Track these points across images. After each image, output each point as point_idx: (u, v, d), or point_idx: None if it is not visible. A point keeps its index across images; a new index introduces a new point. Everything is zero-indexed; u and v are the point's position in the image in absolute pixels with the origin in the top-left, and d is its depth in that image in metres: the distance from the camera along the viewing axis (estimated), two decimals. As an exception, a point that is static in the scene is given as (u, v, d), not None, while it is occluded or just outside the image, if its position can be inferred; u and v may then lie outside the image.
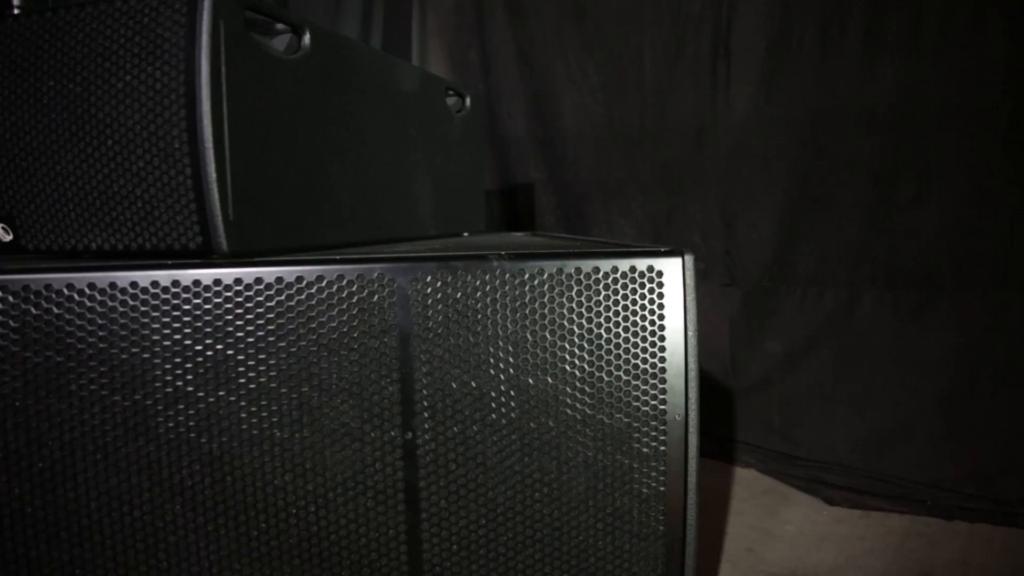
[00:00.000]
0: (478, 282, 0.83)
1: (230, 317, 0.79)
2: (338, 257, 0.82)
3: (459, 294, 0.82)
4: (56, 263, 0.81)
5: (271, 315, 0.79)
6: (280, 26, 0.94)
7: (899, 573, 1.36)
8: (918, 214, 1.75)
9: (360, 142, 1.07)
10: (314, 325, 0.80)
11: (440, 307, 0.82)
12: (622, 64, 2.10)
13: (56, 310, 0.77)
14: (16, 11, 1.78)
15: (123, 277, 0.77)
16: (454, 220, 1.41)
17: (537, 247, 0.96)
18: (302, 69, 0.93)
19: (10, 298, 0.76)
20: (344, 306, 0.80)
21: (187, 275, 0.78)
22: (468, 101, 1.44)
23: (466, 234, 1.47)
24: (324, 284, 0.80)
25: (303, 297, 0.80)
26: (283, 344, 0.80)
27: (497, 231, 2.26)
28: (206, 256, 0.82)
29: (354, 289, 0.80)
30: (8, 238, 0.92)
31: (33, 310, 0.76)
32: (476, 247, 0.95)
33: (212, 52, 0.78)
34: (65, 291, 0.77)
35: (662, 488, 0.87)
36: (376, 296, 0.81)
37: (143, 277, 0.78)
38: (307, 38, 0.94)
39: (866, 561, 1.41)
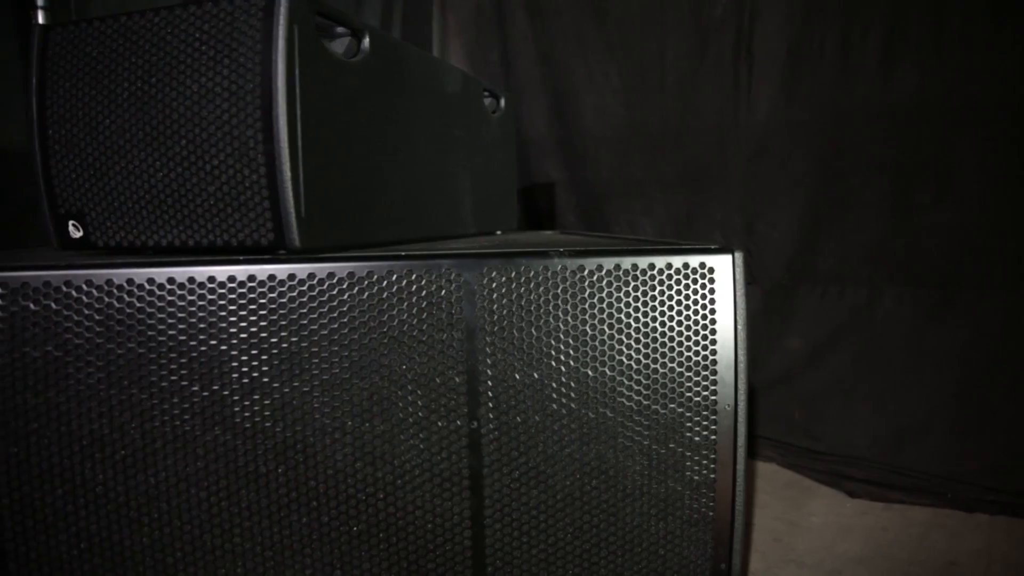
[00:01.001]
0: (540, 277, 0.86)
1: (304, 311, 0.82)
2: (404, 253, 0.85)
3: (522, 289, 0.85)
4: (135, 259, 0.84)
5: (343, 308, 0.83)
6: (340, 29, 0.97)
7: (925, 562, 1.39)
8: (937, 213, 1.79)
9: (411, 142, 1.10)
10: (384, 318, 0.83)
11: (504, 301, 0.85)
12: (643, 66, 2.13)
13: (138, 303, 0.80)
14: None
15: (201, 272, 0.81)
16: (490, 219, 1.44)
17: (577, 244, 0.99)
18: (362, 72, 0.96)
19: (94, 292, 0.79)
20: (413, 300, 0.84)
21: (263, 270, 0.81)
22: (503, 103, 1.47)
23: (499, 232, 1.50)
24: (394, 279, 0.83)
25: (373, 291, 0.83)
26: (354, 337, 0.83)
27: (520, 230, 2.29)
28: (276, 252, 0.85)
29: (423, 284, 0.84)
30: (78, 235, 0.95)
31: (116, 303, 0.80)
32: (527, 244, 0.98)
33: (287, 55, 0.81)
34: (146, 285, 0.80)
35: (712, 475, 0.91)
36: (444, 291, 0.84)
37: (220, 272, 0.81)
38: (366, 41, 0.97)
39: (891, 551, 1.44)
